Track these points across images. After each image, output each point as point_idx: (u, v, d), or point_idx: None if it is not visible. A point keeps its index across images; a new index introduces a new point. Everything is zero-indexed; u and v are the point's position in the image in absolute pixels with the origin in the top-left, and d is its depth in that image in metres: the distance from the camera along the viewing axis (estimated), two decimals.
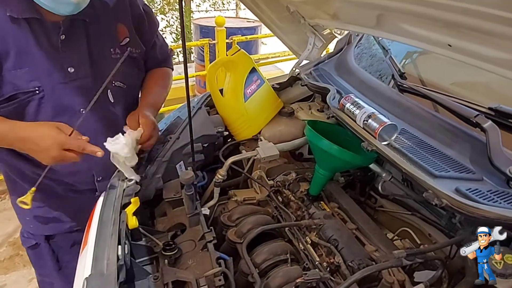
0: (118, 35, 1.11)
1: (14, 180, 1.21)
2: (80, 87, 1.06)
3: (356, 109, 1.04)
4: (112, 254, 0.82)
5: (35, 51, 0.96)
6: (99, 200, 1.08)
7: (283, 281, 0.93)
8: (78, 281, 0.87)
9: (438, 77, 1.32)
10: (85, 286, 0.76)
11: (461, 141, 0.92)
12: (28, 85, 0.98)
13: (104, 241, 0.87)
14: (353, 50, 1.53)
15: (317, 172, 1.22)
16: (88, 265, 0.84)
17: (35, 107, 1.02)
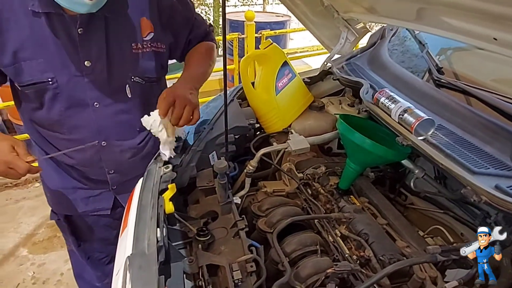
0: (142, 29, 1.09)
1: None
2: (96, 81, 1.07)
3: (391, 104, 1.03)
4: (152, 236, 0.86)
5: (52, 44, 0.99)
6: (137, 185, 1.13)
7: (313, 271, 0.94)
8: (120, 259, 0.93)
9: (477, 73, 1.28)
10: (127, 264, 0.81)
11: (501, 138, 0.90)
12: (42, 75, 1.01)
13: (144, 223, 0.92)
14: (387, 44, 1.51)
15: (347, 166, 1.22)
16: (129, 245, 0.89)
17: (51, 96, 1.05)
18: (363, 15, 1.33)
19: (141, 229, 0.91)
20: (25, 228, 2.48)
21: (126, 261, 0.82)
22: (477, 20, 0.75)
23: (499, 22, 0.70)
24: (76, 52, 1.01)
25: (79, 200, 1.30)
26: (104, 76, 1.07)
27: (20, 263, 2.22)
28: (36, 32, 0.97)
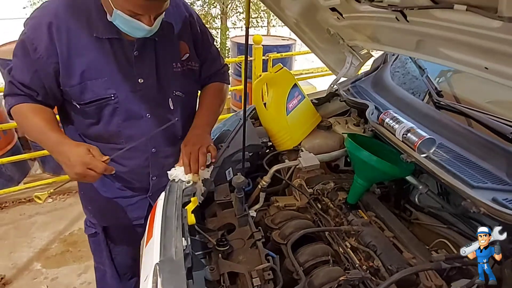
0: (180, 51, 1.26)
1: None
2: (147, 96, 1.21)
3: (396, 124, 1.13)
4: (178, 244, 0.94)
5: (113, 64, 1.13)
6: (159, 199, 1.22)
7: (326, 280, 1.01)
8: (147, 267, 1.00)
9: (474, 95, 1.38)
10: (157, 269, 0.89)
11: (497, 155, 0.98)
12: (106, 92, 1.14)
13: (170, 233, 1.00)
14: (389, 68, 1.62)
15: (355, 182, 1.30)
16: (157, 253, 0.97)
17: (110, 111, 1.18)
18: (367, 43, 1.44)
19: (168, 238, 0.99)
20: (38, 243, 2.54)
21: (156, 267, 0.90)
22: (470, 51, 0.86)
23: (489, 54, 0.81)
24: (132, 71, 1.15)
25: (119, 209, 1.39)
26: (153, 91, 1.21)
27: (34, 277, 2.27)
28: (100, 54, 1.10)
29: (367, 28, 1.29)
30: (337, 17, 1.27)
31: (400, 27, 1.02)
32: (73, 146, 1.06)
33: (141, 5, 0.98)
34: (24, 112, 1.13)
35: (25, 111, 1.13)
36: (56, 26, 1.05)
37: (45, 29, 1.05)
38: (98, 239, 1.49)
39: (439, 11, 0.79)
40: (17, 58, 1.11)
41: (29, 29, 1.07)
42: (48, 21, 1.05)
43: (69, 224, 2.75)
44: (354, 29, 1.38)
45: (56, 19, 1.05)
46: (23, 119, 1.14)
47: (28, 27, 1.07)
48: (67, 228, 2.70)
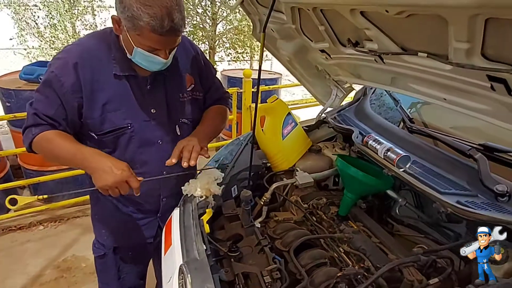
0: (186, 83, 1.41)
1: (97, 196, 1.50)
2: (158, 124, 1.35)
3: (377, 145, 1.36)
4: (200, 247, 1.09)
5: (130, 97, 1.28)
6: (174, 212, 1.36)
7: (325, 278, 1.17)
8: (169, 270, 1.13)
9: (439, 122, 1.65)
10: (184, 268, 1.02)
11: (459, 169, 1.22)
12: (123, 122, 1.28)
13: (190, 239, 1.14)
14: (369, 99, 1.89)
15: (345, 196, 1.50)
16: (179, 256, 1.11)
17: (127, 139, 1.32)
18: (349, 78, 1.71)
19: (189, 243, 1.13)
20: (32, 270, 2.54)
21: (182, 267, 1.04)
22: (432, 86, 1.11)
23: (445, 88, 1.06)
24: (145, 102, 1.30)
25: (131, 230, 1.49)
26: (164, 120, 1.35)
27: None
28: (118, 89, 1.25)
29: (350, 66, 1.55)
30: (325, 57, 1.53)
31: (378, 67, 1.27)
32: (115, 158, 1.17)
33: (160, 40, 1.09)
34: (50, 137, 1.21)
35: (51, 136, 1.21)
36: (81, 65, 1.19)
37: (71, 68, 1.18)
38: (106, 260, 1.57)
39: (407, 56, 1.04)
40: (42, 93, 1.20)
41: (57, 68, 1.18)
42: (74, 61, 1.19)
43: (62, 250, 2.76)
44: (339, 66, 1.64)
45: (81, 60, 1.20)
46: (50, 143, 1.20)
47: (55, 66, 1.20)
48: (60, 255, 2.71)
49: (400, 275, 1.20)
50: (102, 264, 1.60)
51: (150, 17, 1.03)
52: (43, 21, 6.86)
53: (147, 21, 1.03)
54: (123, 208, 1.48)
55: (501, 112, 0.93)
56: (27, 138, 1.23)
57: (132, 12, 1.03)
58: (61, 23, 6.86)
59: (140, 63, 1.20)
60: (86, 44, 1.24)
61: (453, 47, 0.81)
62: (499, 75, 0.78)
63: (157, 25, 1.04)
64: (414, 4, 0.71)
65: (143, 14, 1.02)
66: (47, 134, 1.21)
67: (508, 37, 0.68)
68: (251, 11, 1.63)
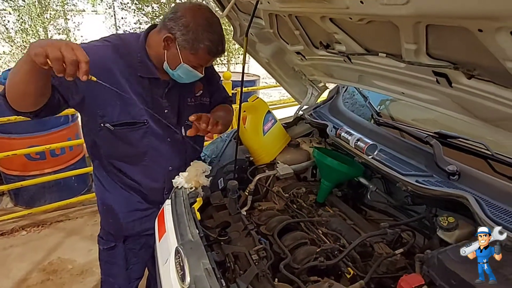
0: (195, 89, 1.50)
1: (104, 186, 1.55)
2: (169, 123, 1.44)
3: (349, 136, 1.52)
4: (193, 230, 1.20)
5: (149, 97, 1.37)
6: (165, 203, 1.46)
7: (306, 255, 1.31)
8: (164, 254, 1.23)
9: (403, 115, 1.85)
10: (179, 249, 1.13)
11: (418, 154, 1.40)
12: (141, 118, 1.37)
13: (184, 225, 1.25)
14: (341, 97, 2.06)
15: (322, 184, 1.66)
16: (174, 240, 1.21)
17: (141, 134, 1.40)
18: (323, 77, 1.87)
19: (182, 228, 1.24)
20: (17, 274, 2.54)
21: (178, 248, 1.14)
22: (391, 82, 1.28)
23: (402, 84, 1.23)
24: (161, 103, 1.40)
25: (136, 220, 1.57)
26: (174, 120, 1.45)
27: None
28: (141, 89, 1.34)
29: (323, 66, 1.71)
30: (301, 58, 1.68)
31: (347, 66, 1.44)
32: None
33: (208, 60, 1.29)
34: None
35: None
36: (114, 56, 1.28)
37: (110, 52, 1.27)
38: (115, 252, 1.63)
39: (370, 56, 1.21)
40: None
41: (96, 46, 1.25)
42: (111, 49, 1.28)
43: (47, 254, 2.77)
44: (314, 67, 1.81)
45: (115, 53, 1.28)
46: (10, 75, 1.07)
47: (95, 44, 1.26)
48: (45, 258, 2.72)
49: (371, 250, 1.37)
50: (110, 255, 1.65)
51: (210, 42, 1.21)
52: (14, 26, 6.70)
53: (207, 44, 1.21)
54: (130, 198, 1.55)
55: (447, 103, 1.11)
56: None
57: (196, 35, 1.19)
58: (32, 28, 6.74)
59: (178, 76, 1.32)
60: (122, 41, 1.32)
61: (404, 48, 0.97)
62: (441, 70, 0.95)
63: (213, 49, 1.23)
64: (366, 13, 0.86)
65: (204, 38, 1.20)
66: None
67: (444, 39, 0.84)
68: (232, 17, 1.76)
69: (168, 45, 1.26)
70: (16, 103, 1.13)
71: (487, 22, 0.64)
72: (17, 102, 1.13)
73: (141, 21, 6.38)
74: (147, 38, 1.35)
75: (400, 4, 0.70)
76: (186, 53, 1.24)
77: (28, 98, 1.11)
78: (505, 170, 1.23)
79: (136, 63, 1.32)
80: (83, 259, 2.74)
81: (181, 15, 1.21)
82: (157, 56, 1.32)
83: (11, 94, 1.10)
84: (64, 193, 3.29)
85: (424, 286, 1.04)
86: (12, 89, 1.09)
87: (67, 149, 3.27)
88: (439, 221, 1.14)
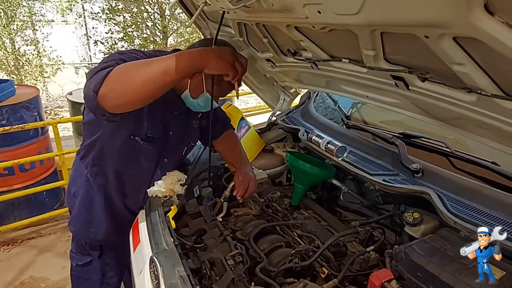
0: (198, 112, 1.54)
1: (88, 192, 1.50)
2: (169, 144, 1.46)
3: (319, 139, 1.57)
4: (168, 239, 1.20)
5: (165, 112, 1.37)
6: (140, 213, 1.45)
7: (281, 258, 1.33)
8: (139, 265, 1.22)
9: (372, 118, 1.92)
10: (154, 259, 1.12)
11: (385, 154, 1.46)
12: (160, 134, 1.39)
13: (158, 234, 1.25)
14: (313, 102, 2.12)
15: (296, 187, 1.69)
16: (148, 250, 1.20)
17: (157, 148, 1.41)
18: (293, 83, 1.93)
19: (157, 237, 1.24)
20: None
21: (152, 258, 1.14)
22: (356, 86, 1.34)
23: (366, 87, 1.29)
24: (168, 125, 1.42)
25: (120, 227, 1.54)
26: (174, 143, 1.47)
27: None
28: (162, 111, 1.35)
29: (293, 73, 1.76)
30: (271, 65, 1.73)
31: (315, 72, 1.49)
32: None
33: (230, 91, 1.34)
34: (129, 64, 1.02)
35: (129, 63, 1.03)
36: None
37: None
38: (89, 268, 1.59)
39: (335, 62, 1.26)
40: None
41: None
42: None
43: (18, 273, 2.65)
44: (284, 73, 1.85)
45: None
46: (131, 66, 1.01)
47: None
48: (16, 278, 2.60)
49: (345, 249, 1.41)
50: (84, 271, 1.61)
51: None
52: None
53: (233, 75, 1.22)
54: (117, 204, 1.53)
55: (407, 104, 1.18)
56: (100, 75, 1.00)
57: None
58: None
59: (198, 104, 1.34)
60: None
61: (364, 54, 1.02)
62: (398, 74, 1.01)
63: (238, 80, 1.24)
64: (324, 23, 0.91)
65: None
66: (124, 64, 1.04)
67: (398, 45, 0.90)
68: (202, 26, 1.78)
69: (193, 75, 1.21)
70: (123, 101, 1.03)
71: (430, 29, 0.69)
72: (129, 101, 1.03)
73: (113, 30, 6.29)
74: None
75: (352, 14, 0.75)
76: (210, 82, 1.26)
77: (145, 101, 1.06)
78: (463, 166, 1.31)
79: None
80: (57, 276, 2.64)
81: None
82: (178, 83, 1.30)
83: (128, 91, 1.00)
84: (35, 209, 3.17)
85: (393, 280, 1.09)
86: (133, 88, 1.00)
87: (37, 163, 3.16)
88: (405, 217, 1.19)
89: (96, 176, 1.47)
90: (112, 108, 1.04)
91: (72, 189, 1.54)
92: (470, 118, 0.93)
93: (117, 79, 0.99)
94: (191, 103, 1.35)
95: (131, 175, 1.48)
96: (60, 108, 7.35)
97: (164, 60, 0.99)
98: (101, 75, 0.99)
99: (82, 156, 1.48)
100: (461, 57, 0.73)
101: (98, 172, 1.46)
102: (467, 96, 0.86)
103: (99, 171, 1.46)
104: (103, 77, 0.98)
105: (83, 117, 1.40)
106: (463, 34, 0.65)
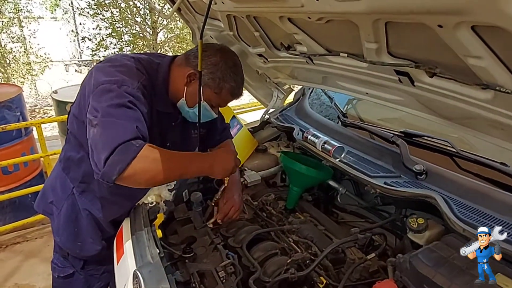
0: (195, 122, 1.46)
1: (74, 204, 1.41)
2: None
3: (315, 139, 1.48)
4: (153, 251, 1.10)
5: (162, 126, 1.31)
6: (124, 221, 1.35)
7: (277, 267, 1.25)
8: (122, 279, 1.13)
9: (370, 115, 1.83)
10: (137, 273, 1.03)
11: (385, 154, 1.38)
12: (160, 144, 1.27)
13: (143, 244, 1.15)
14: (307, 99, 2.03)
15: (291, 190, 1.60)
16: (132, 263, 1.11)
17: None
18: (287, 79, 1.83)
19: (142, 248, 1.14)
20: None
21: (135, 272, 1.04)
22: (355, 82, 1.25)
23: (366, 84, 1.20)
24: (166, 136, 1.35)
25: (105, 241, 1.46)
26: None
27: None
28: (158, 120, 1.28)
29: (286, 68, 1.66)
30: (263, 61, 1.63)
31: (309, 67, 1.39)
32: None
33: (228, 101, 1.29)
34: (155, 148, 1.07)
35: (154, 147, 1.07)
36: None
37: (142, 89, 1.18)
38: (72, 280, 1.51)
39: (332, 57, 1.16)
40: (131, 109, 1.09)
41: (138, 87, 1.15)
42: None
43: (3, 280, 2.54)
44: (277, 69, 1.75)
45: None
46: (159, 154, 1.06)
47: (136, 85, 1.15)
48: (1, 285, 2.49)
49: (343, 256, 1.32)
50: (67, 284, 1.54)
51: (235, 82, 1.23)
52: None
53: (232, 85, 1.23)
54: (100, 224, 1.44)
55: (411, 102, 1.09)
56: (129, 153, 0.99)
57: (223, 74, 1.20)
58: None
59: (194, 114, 1.29)
60: (146, 71, 1.24)
61: (365, 47, 0.93)
62: (403, 69, 0.93)
63: (236, 90, 1.26)
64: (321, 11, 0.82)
65: (230, 79, 1.22)
66: (149, 146, 1.06)
67: (405, 37, 0.81)
68: (189, 19, 1.67)
69: (190, 82, 1.24)
70: (152, 182, 1.13)
71: (446, 17, 0.60)
72: (157, 183, 1.16)
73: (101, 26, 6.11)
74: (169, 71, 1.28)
75: (354, 0, 0.66)
76: (209, 91, 1.24)
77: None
78: (470, 166, 1.23)
79: (158, 97, 1.26)
80: (43, 283, 2.53)
81: (210, 54, 1.22)
82: (175, 91, 1.28)
83: (162, 177, 1.08)
84: (20, 213, 3.04)
85: None
86: (168, 175, 1.11)
87: (21, 165, 3.03)
88: (408, 223, 1.11)
89: (82, 193, 1.39)
90: (133, 184, 1.06)
91: (50, 197, 1.44)
92: (484, 117, 0.85)
93: (153, 162, 1.05)
94: (187, 112, 1.31)
95: (124, 191, 1.37)
96: (50, 106, 7.18)
97: (203, 162, 1.22)
98: (128, 154, 1.00)
99: (65, 168, 1.39)
100: (479, 49, 0.64)
101: (86, 189, 1.38)
102: (482, 93, 0.78)
103: (86, 188, 1.37)
104: (132, 158, 0.99)
105: (67, 122, 1.34)
106: (485, 22, 0.56)
